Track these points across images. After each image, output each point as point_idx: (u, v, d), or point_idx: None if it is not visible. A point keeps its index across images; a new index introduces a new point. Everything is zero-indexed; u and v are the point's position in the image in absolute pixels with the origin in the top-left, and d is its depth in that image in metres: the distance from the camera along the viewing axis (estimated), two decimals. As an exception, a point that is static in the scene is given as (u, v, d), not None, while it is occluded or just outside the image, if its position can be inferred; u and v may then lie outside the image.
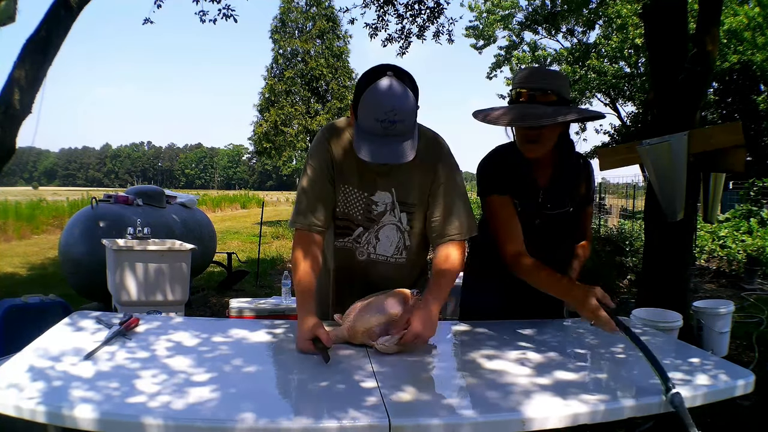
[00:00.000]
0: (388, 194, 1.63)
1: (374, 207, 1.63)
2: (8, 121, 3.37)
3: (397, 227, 1.66)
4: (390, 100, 1.39)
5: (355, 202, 1.63)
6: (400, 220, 1.65)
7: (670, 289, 3.74)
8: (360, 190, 1.62)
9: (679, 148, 3.25)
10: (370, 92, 1.41)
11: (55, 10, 3.55)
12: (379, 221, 1.65)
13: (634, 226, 9.11)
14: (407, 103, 1.41)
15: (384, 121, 1.39)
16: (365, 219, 1.65)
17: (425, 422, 1.07)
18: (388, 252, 1.68)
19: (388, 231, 1.66)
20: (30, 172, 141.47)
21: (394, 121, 1.39)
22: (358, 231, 1.67)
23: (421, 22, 7.12)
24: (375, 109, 1.39)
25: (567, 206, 1.85)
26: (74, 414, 1.01)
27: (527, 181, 1.79)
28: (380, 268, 1.70)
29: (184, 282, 4.06)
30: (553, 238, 1.86)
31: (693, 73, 3.66)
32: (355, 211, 1.64)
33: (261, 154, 20.14)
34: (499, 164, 1.80)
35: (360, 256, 1.69)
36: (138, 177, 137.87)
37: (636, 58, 16.19)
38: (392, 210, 1.64)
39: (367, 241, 1.67)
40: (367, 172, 1.60)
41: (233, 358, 1.35)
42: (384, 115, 1.39)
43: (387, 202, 1.63)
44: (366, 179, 1.61)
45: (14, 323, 3.04)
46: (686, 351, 1.60)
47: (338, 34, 20.19)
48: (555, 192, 1.81)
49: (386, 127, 1.40)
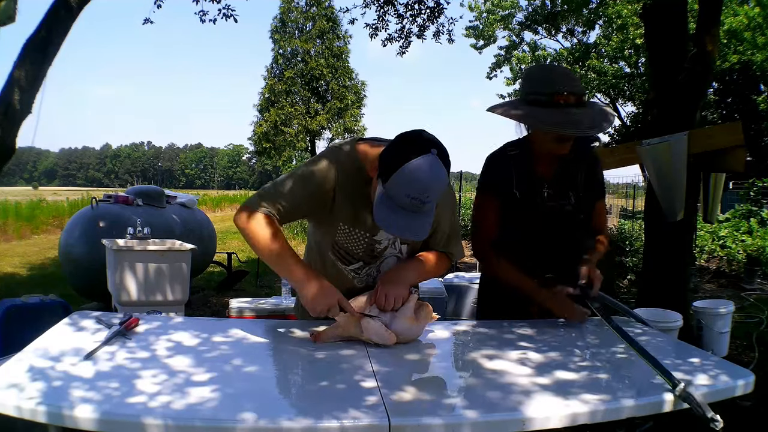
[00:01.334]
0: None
1: (377, 245, 1.64)
2: (8, 121, 3.37)
3: (398, 257, 1.69)
4: (429, 182, 1.35)
5: (357, 240, 1.62)
6: (400, 251, 1.68)
7: (670, 289, 3.74)
8: (362, 230, 1.61)
9: (679, 148, 3.25)
10: (412, 168, 1.33)
11: (55, 10, 3.55)
12: (381, 256, 1.66)
13: (634, 226, 9.11)
14: (442, 185, 1.39)
15: (416, 199, 1.36)
16: (368, 256, 1.65)
17: (425, 422, 1.07)
18: None
19: (389, 261, 1.68)
20: (30, 172, 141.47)
21: (425, 201, 1.37)
22: (358, 264, 1.66)
23: (421, 21, 7.12)
24: (412, 186, 1.34)
25: (570, 199, 1.87)
26: (74, 414, 1.01)
27: (531, 175, 1.84)
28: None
29: (184, 282, 4.06)
30: (557, 232, 1.88)
31: (693, 73, 3.66)
32: (356, 248, 1.63)
33: (261, 154, 20.17)
34: (498, 165, 1.87)
35: (359, 284, 1.69)
36: (138, 177, 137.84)
37: (636, 58, 16.19)
38: (393, 243, 1.65)
39: (368, 273, 1.68)
40: (369, 210, 1.54)
41: (233, 358, 1.35)
42: (418, 194, 1.35)
43: (390, 238, 1.63)
44: (368, 219, 1.58)
45: (14, 323, 3.04)
46: (686, 351, 1.60)
47: (338, 34, 20.22)
48: (558, 185, 1.86)
49: (416, 205, 1.37)
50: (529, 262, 1.84)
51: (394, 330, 1.47)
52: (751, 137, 15.82)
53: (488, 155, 1.93)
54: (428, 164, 1.33)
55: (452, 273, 5.65)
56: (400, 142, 1.41)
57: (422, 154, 1.33)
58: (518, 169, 1.84)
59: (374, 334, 1.46)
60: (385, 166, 1.38)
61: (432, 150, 1.35)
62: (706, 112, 16.08)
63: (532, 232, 1.87)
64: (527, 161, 1.85)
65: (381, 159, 1.42)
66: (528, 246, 1.87)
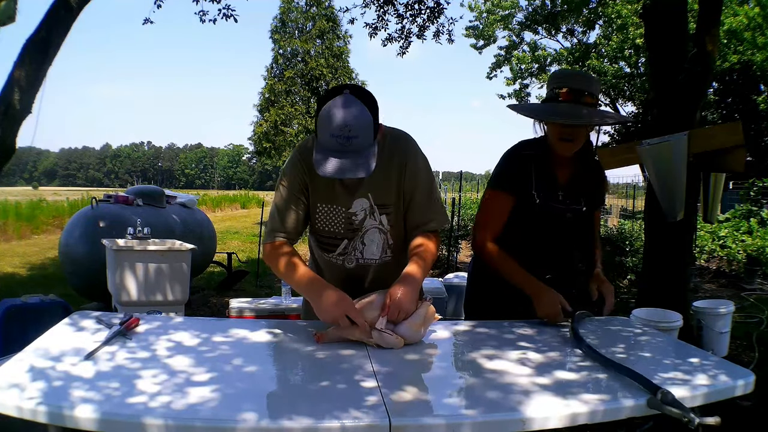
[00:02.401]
0: (364, 200, 1.67)
1: (354, 218, 1.67)
2: (8, 121, 3.37)
3: (379, 229, 1.70)
4: (344, 116, 1.41)
5: (335, 218, 1.68)
6: (381, 222, 1.70)
7: (670, 289, 3.74)
8: (337, 205, 1.66)
9: (679, 148, 3.25)
10: (326, 109, 1.43)
11: (55, 10, 3.54)
12: (361, 228, 1.69)
13: (634, 226, 9.11)
14: (362, 119, 1.43)
15: (339, 137, 1.41)
16: (348, 231, 1.69)
17: (426, 422, 1.07)
18: (375, 255, 1.72)
19: (371, 235, 1.70)
20: (30, 172, 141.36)
21: (350, 137, 1.42)
22: (344, 244, 1.71)
23: (421, 21, 7.12)
24: (329, 125, 1.42)
25: (582, 205, 1.91)
26: (74, 414, 1.01)
27: (548, 178, 1.85)
28: (370, 270, 1.74)
29: (184, 282, 4.06)
30: (567, 237, 1.92)
31: (693, 73, 3.66)
32: (336, 227, 1.68)
33: (261, 154, 20.15)
34: (517, 162, 1.86)
35: (349, 264, 1.73)
36: (138, 177, 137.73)
37: (636, 58, 16.19)
38: (371, 214, 1.68)
39: (354, 248, 1.71)
40: (340, 185, 1.63)
41: (233, 358, 1.35)
42: (339, 131, 1.41)
43: (365, 208, 1.67)
44: (340, 193, 1.65)
45: (14, 323, 3.04)
46: (686, 351, 1.60)
47: (338, 34, 20.20)
48: (573, 190, 1.89)
49: (342, 143, 1.42)
50: (530, 262, 1.85)
51: (401, 334, 1.48)
52: (751, 137, 15.83)
53: (506, 152, 1.92)
54: (342, 101, 1.42)
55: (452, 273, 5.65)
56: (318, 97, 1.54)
57: (336, 96, 1.43)
58: (537, 170, 1.85)
59: (384, 343, 1.46)
60: (314, 120, 1.50)
61: (345, 90, 1.44)
62: (706, 112, 16.08)
63: (539, 234, 1.89)
64: (546, 163, 1.86)
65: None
66: (531, 246, 1.89)
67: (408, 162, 1.66)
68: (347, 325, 1.48)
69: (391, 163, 1.64)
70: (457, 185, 14.05)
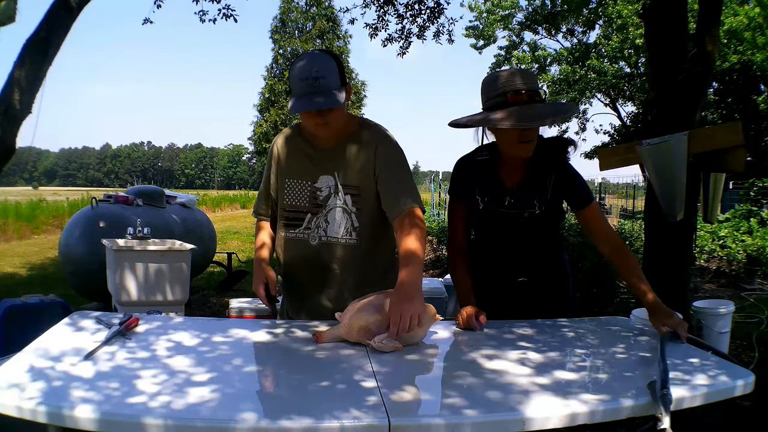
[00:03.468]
0: (330, 177, 1.76)
1: (318, 193, 1.77)
2: (8, 121, 3.36)
3: (343, 209, 1.76)
4: (310, 59, 1.61)
5: (301, 191, 1.78)
6: (345, 202, 1.76)
7: (670, 289, 3.73)
8: (303, 179, 1.78)
9: (679, 148, 3.25)
10: (295, 61, 1.64)
11: (55, 10, 3.54)
12: (325, 205, 1.77)
13: (634, 226, 9.11)
14: (325, 61, 1.61)
15: (307, 79, 1.57)
16: (312, 205, 1.78)
17: (425, 422, 1.07)
18: (338, 233, 1.77)
19: (335, 213, 1.76)
20: (30, 172, 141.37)
21: (317, 77, 1.57)
22: (308, 218, 1.79)
23: (421, 22, 7.11)
24: (299, 70, 1.59)
25: (534, 207, 1.84)
26: (74, 414, 1.01)
27: (494, 183, 1.86)
28: (333, 250, 1.78)
29: (184, 282, 4.06)
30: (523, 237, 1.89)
31: (693, 73, 3.65)
32: (301, 201, 1.79)
33: (261, 154, 20.20)
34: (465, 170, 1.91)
35: (312, 241, 1.79)
36: (138, 177, 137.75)
37: (636, 58, 16.19)
38: (336, 193, 1.76)
39: (317, 225, 1.78)
40: (308, 161, 1.77)
41: (233, 358, 1.35)
42: (306, 73, 1.57)
43: (330, 185, 1.76)
44: (308, 168, 1.77)
45: (14, 323, 3.04)
46: (686, 351, 1.60)
47: (338, 34, 20.25)
48: (522, 193, 1.84)
49: (310, 84, 1.57)
50: (499, 266, 1.93)
51: (402, 340, 1.47)
52: (751, 137, 15.83)
53: (458, 160, 1.94)
54: (306, 54, 1.65)
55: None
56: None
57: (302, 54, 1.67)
58: (484, 175, 1.86)
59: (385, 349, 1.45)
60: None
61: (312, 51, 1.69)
62: (706, 112, 16.07)
63: (499, 238, 1.92)
64: (493, 167, 1.86)
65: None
66: (497, 251, 1.93)
67: (378, 146, 1.73)
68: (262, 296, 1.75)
69: (361, 146, 1.74)
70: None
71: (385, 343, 1.43)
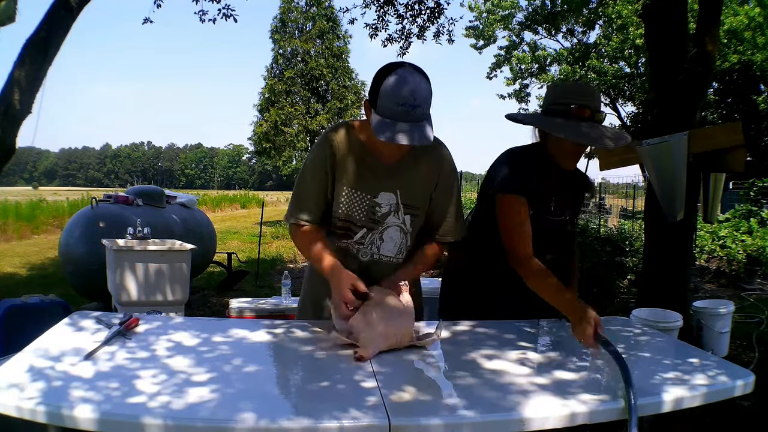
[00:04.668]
0: (392, 195, 1.65)
1: (378, 209, 1.65)
2: (8, 121, 3.36)
3: (401, 228, 1.68)
4: (409, 85, 1.45)
5: (358, 204, 1.65)
6: (404, 222, 1.68)
7: (670, 289, 3.73)
8: (362, 192, 1.64)
9: (679, 148, 3.25)
10: (391, 80, 1.46)
11: (55, 10, 3.54)
12: (383, 222, 1.67)
13: (634, 226, 9.10)
14: (425, 88, 1.47)
15: (405, 105, 1.44)
16: (368, 221, 1.66)
17: (425, 422, 1.07)
18: (391, 252, 1.71)
19: (392, 232, 1.68)
20: (30, 172, 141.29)
21: (414, 106, 1.44)
22: (361, 232, 1.68)
23: (421, 22, 7.11)
24: (396, 94, 1.44)
25: (566, 215, 1.92)
26: (74, 414, 1.01)
27: (543, 188, 1.82)
28: (382, 267, 1.72)
29: (184, 282, 4.06)
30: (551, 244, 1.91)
31: (693, 73, 3.65)
32: (358, 213, 1.66)
33: (261, 154, 20.15)
34: (527, 166, 1.80)
35: (363, 257, 1.70)
36: (138, 177, 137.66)
37: (636, 58, 16.18)
38: (396, 212, 1.66)
39: (371, 242, 1.69)
40: (370, 173, 1.63)
41: (233, 358, 1.35)
42: (404, 99, 1.44)
43: (391, 203, 1.65)
44: (369, 181, 1.63)
45: (14, 323, 3.03)
46: (686, 351, 1.60)
47: (338, 34, 20.20)
48: (562, 200, 1.88)
49: (407, 111, 1.44)
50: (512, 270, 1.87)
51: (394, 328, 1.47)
52: (751, 137, 15.82)
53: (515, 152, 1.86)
54: (405, 72, 1.47)
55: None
56: (376, 73, 1.52)
57: (397, 69, 1.48)
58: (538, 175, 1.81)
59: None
60: (372, 94, 1.50)
61: (404, 65, 1.50)
62: (706, 112, 16.07)
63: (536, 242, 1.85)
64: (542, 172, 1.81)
65: (368, 94, 1.54)
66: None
67: (443, 169, 1.68)
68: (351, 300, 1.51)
69: (425, 165, 1.66)
70: (457, 185, 14.01)
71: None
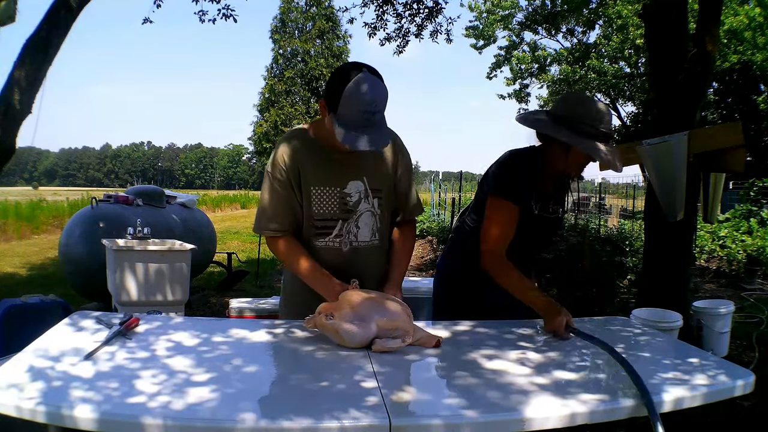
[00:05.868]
0: (360, 182, 1.73)
1: (348, 198, 1.72)
2: (8, 121, 3.36)
3: (371, 212, 1.77)
4: (372, 93, 1.50)
5: (330, 199, 1.71)
6: (373, 206, 1.76)
7: (670, 289, 3.74)
8: (331, 186, 1.70)
9: (679, 148, 3.25)
10: (354, 86, 1.49)
11: (55, 10, 3.54)
12: (356, 211, 1.74)
13: (634, 226, 9.11)
14: (384, 95, 1.54)
15: (366, 112, 1.50)
16: (342, 212, 1.73)
17: (425, 422, 1.07)
18: (367, 237, 1.78)
19: (365, 218, 1.76)
20: (30, 172, 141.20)
21: (374, 111, 1.51)
22: (338, 225, 1.73)
23: (420, 21, 7.11)
24: (359, 101, 1.49)
25: (559, 213, 2.03)
26: (74, 414, 1.01)
27: (543, 188, 1.93)
28: (362, 253, 1.78)
29: (184, 282, 4.06)
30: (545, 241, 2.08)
31: (693, 73, 3.65)
32: (331, 209, 1.72)
33: (261, 154, 20.20)
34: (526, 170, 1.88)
35: (344, 248, 1.75)
36: (138, 177, 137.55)
37: (636, 58, 16.18)
38: (366, 197, 1.74)
39: (348, 231, 1.75)
40: (335, 167, 1.69)
41: (233, 358, 1.35)
42: (366, 106, 1.49)
43: (360, 191, 1.73)
44: (335, 174, 1.70)
45: (14, 323, 3.03)
46: (686, 351, 1.60)
47: (338, 34, 20.24)
48: (558, 199, 2.00)
49: (368, 118, 1.50)
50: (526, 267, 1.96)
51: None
52: (751, 137, 15.82)
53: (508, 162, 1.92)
54: (365, 79, 1.50)
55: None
56: (334, 73, 1.56)
57: (357, 73, 1.50)
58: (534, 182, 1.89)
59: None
60: (330, 97, 1.53)
61: (363, 69, 1.52)
62: (706, 112, 16.07)
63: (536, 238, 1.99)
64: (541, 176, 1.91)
65: (325, 95, 1.58)
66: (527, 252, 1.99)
67: (401, 152, 1.81)
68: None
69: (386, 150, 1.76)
70: (457, 185, 14.05)
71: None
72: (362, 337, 1.44)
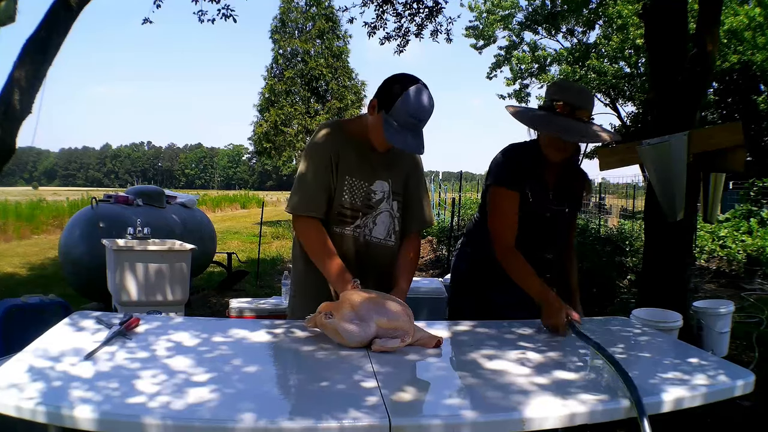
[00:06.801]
0: (385, 183, 1.86)
1: (373, 195, 1.84)
2: (8, 122, 3.36)
3: (390, 213, 1.88)
4: (426, 103, 1.66)
5: (358, 191, 1.82)
6: (392, 207, 1.88)
7: (670, 289, 3.73)
8: (362, 180, 1.82)
9: (679, 148, 3.24)
10: (413, 93, 1.64)
11: (55, 10, 3.54)
12: (377, 208, 1.85)
13: (634, 226, 9.11)
14: (433, 109, 1.69)
15: (415, 118, 1.65)
16: (365, 206, 1.83)
17: (425, 422, 1.07)
18: (381, 235, 1.87)
19: (383, 217, 1.87)
20: (30, 172, 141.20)
21: (421, 119, 1.67)
22: (359, 218, 1.84)
23: (420, 20, 7.10)
24: (414, 108, 1.64)
25: (565, 206, 2.01)
26: (74, 414, 1.01)
27: (541, 179, 1.94)
28: (375, 250, 1.87)
29: (184, 282, 4.06)
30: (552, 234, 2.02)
31: (693, 73, 3.65)
32: (357, 200, 1.82)
33: (261, 154, 20.15)
34: (520, 161, 1.92)
35: (360, 239, 1.85)
36: (138, 177, 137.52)
37: (636, 58, 16.18)
38: (387, 198, 1.86)
39: (365, 224, 1.85)
40: (366, 163, 1.81)
41: (233, 358, 1.35)
42: (419, 114, 1.65)
43: (385, 191, 1.86)
44: (366, 170, 1.82)
45: (14, 323, 3.03)
46: (686, 351, 1.60)
47: (338, 34, 20.18)
48: (560, 191, 1.98)
49: (415, 123, 1.66)
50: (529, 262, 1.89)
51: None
52: (751, 137, 15.82)
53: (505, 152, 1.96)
54: (422, 90, 1.67)
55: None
56: (392, 79, 1.71)
57: (414, 84, 1.66)
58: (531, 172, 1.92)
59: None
60: (387, 97, 1.67)
61: (418, 81, 1.69)
62: (706, 112, 16.08)
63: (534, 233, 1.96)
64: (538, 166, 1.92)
65: (381, 93, 1.70)
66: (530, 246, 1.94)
67: (418, 163, 1.94)
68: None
69: (407, 158, 1.89)
70: (457, 185, 14.05)
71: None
72: (361, 336, 1.44)
